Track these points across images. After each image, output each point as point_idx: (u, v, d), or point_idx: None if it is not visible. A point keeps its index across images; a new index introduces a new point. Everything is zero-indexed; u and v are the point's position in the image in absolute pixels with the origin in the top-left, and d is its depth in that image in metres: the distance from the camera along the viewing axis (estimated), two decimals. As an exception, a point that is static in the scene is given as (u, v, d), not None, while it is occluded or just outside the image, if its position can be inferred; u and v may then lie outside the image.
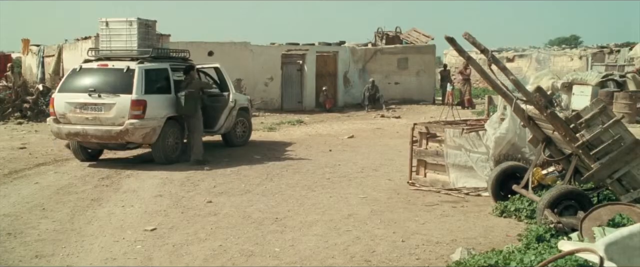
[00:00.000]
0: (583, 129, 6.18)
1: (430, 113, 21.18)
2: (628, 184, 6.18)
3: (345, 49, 23.90)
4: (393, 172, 9.88)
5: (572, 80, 20.46)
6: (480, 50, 6.49)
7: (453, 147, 8.34)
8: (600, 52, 30.02)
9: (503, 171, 7.33)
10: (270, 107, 21.32)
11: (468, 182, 8.24)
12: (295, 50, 22.55)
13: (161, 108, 10.35)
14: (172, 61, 11.19)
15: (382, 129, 16.34)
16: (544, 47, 39.49)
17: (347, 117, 20.50)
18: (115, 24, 10.86)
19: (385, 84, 24.12)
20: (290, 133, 15.58)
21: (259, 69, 21.24)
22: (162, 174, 9.61)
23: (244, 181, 9.13)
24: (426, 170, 8.75)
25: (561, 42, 47.10)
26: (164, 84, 10.57)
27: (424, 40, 26.16)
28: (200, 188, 8.64)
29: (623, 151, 6.09)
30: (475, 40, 6.47)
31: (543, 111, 6.28)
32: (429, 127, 8.73)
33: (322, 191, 8.44)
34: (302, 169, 10.16)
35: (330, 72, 23.19)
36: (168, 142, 10.50)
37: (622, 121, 6.57)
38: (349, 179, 9.36)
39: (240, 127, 12.74)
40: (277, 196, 8.11)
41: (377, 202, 7.74)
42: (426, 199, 7.97)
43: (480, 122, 9.07)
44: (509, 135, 7.98)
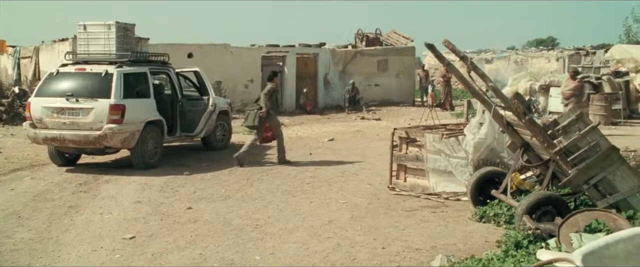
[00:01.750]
0: (560, 136, 6.25)
1: (410, 115, 21.31)
2: (604, 189, 6.27)
3: (325, 50, 23.92)
4: (373, 176, 9.90)
5: (549, 83, 20.69)
6: (460, 57, 6.54)
7: (433, 152, 8.39)
8: (576, 54, 30.42)
9: (482, 176, 7.38)
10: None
11: (448, 186, 8.29)
12: (275, 52, 22.51)
13: (140, 112, 10.26)
14: (151, 65, 11.10)
15: (362, 132, 16.37)
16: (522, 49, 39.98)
17: (328, 119, 20.51)
18: (93, 28, 10.74)
19: (366, 85, 24.18)
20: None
21: (239, 70, 21.16)
22: (141, 179, 9.52)
23: (224, 186, 9.09)
24: (406, 174, 8.79)
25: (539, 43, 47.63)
26: (143, 88, 10.48)
27: (403, 42, 26.26)
28: (179, 194, 8.58)
29: (599, 157, 6.18)
30: (454, 47, 6.52)
31: (521, 118, 6.35)
32: (409, 132, 8.77)
33: (303, 196, 8.43)
34: (282, 173, 10.14)
35: (311, 73, 23.19)
36: (147, 147, 10.41)
37: (598, 126, 6.66)
38: (329, 183, 9.36)
39: (220, 131, 12.68)
40: (257, 202, 8.08)
41: (357, 208, 7.76)
42: (406, 204, 8.00)
43: (460, 127, 9.13)
44: (488, 140, 8.04)
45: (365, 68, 24.58)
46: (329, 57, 23.72)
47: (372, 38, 26.23)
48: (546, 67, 31.39)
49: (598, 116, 18.44)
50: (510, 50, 37.31)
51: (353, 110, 22.29)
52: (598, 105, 18.64)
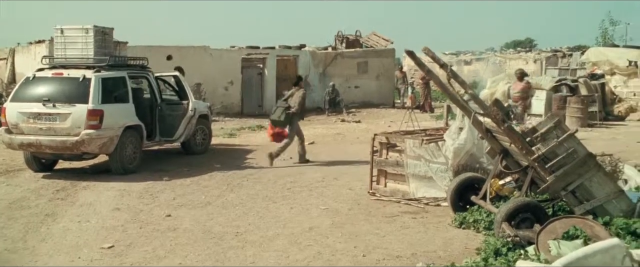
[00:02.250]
0: (539, 143, 6.32)
1: (389, 117, 21.39)
2: (581, 195, 6.35)
3: (305, 52, 23.92)
4: (354, 181, 9.90)
5: (528, 85, 20.91)
6: (440, 65, 6.58)
7: (413, 158, 8.42)
8: (553, 56, 30.82)
9: (462, 182, 7.43)
10: (231, 112, 21.15)
11: (428, 192, 8.33)
12: (255, 54, 22.45)
13: (119, 117, 10.15)
14: (129, 69, 10.98)
15: (342, 135, 16.39)
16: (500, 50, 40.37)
17: (308, 121, 20.43)
18: (71, 32, 10.60)
19: (346, 87, 24.22)
20: (250, 139, 15.49)
21: (219, 73, 21.05)
22: (119, 185, 9.43)
23: (204, 192, 9.04)
24: (386, 180, 8.81)
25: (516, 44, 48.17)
26: (121, 92, 10.38)
27: (383, 44, 26.37)
28: (159, 200, 8.50)
29: (576, 164, 6.25)
30: (434, 55, 6.57)
31: (500, 125, 6.41)
32: (390, 137, 8.80)
33: (283, 202, 8.41)
34: (262, 179, 10.10)
35: (291, 75, 23.05)
36: (126, 152, 10.31)
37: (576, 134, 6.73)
38: (309, 188, 9.35)
39: (200, 135, 12.60)
40: (237, 208, 8.04)
41: (338, 214, 7.76)
42: (387, 209, 8.02)
43: (440, 132, 9.17)
44: (468, 145, 8.10)
45: (345, 70, 24.62)
46: (309, 59, 23.71)
47: (352, 40, 26.29)
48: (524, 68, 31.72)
49: (575, 118, 18.74)
50: (489, 52, 37.74)
51: (333, 112, 22.31)
52: (575, 108, 18.88)
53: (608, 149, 13.69)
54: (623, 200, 6.33)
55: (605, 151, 13.23)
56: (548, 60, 30.72)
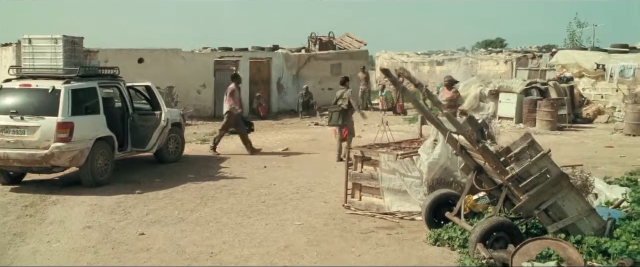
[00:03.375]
0: (513, 163, 6.38)
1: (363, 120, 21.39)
2: (554, 214, 6.43)
3: (279, 55, 23.83)
4: (329, 192, 9.89)
5: (499, 88, 21.18)
6: (415, 85, 6.59)
7: (388, 172, 8.43)
8: (524, 57, 31.20)
9: (436, 199, 7.46)
10: (204, 115, 20.98)
11: (403, 206, 8.35)
12: (228, 56, 22.30)
13: (90, 130, 9.97)
14: (100, 79, 10.78)
15: (316, 140, 16.36)
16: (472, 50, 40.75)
17: (282, 125, 20.46)
18: (39, 42, 10.35)
19: (319, 90, 24.20)
20: (224, 145, 15.29)
21: (192, 76, 20.85)
22: (91, 200, 9.26)
23: (178, 207, 8.92)
24: (361, 193, 8.81)
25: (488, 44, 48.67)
26: (92, 104, 10.18)
27: (357, 46, 26.41)
28: (131, 216, 8.37)
29: (550, 184, 6.32)
30: (410, 75, 6.58)
31: (475, 145, 6.45)
32: (365, 151, 8.79)
33: (258, 218, 8.35)
34: (237, 191, 10.02)
35: (264, 78, 23.07)
36: (97, 164, 10.13)
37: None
38: (284, 202, 9.31)
39: (173, 143, 12.46)
40: (212, 225, 7.96)
41: (313, 231, 7.73)
42: (362, 225, 8.02)
43: (414, 144, 9.22)
44: (442, 160, 8.14)
45: (319, 72, 24.60)
46: (283, 62, 23.64)
47: (325, 41, 26.28)
48: (495, 69, 32.10)
49: (545, 122, 19.07)
50: (461, 52, 38.02)
51: (307, 115, 22.31)
52: (545, 112, 19.20)
53: (578, 155, 13.98)
54: (595, 219, 6.43)
55: (575, 157, 13.53)
56: (518, 61, 31.07)
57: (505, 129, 19.02)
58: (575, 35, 30.74)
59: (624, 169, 12.06)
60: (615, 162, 13.02)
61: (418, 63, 35.99)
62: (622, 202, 7.57)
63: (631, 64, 20.63)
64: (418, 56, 37.23)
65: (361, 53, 26.08)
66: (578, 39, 30.65)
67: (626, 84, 20.28)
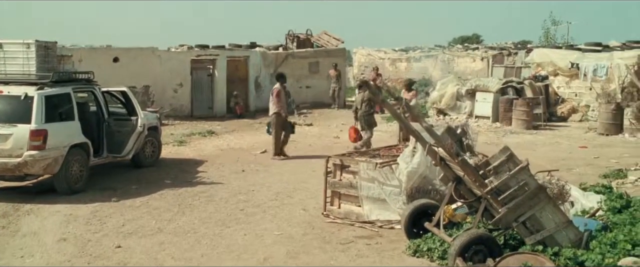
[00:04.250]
0: (491, 176, 6.41)
1: (341, 118, 21.45)
2: (532, 226, 6.48)
3: (256, 53, 23.69)
4: (307, 198, 9.86)
5: (475, 87, 21.35)
6: (395, 98, 6.59)
7: (366, 180, 8.43)
8: (499, 54, 31.48)
9: (415, 209, 7.47)
10: (180, 114, 20.78)
11: (382, 214, 8.36)
12: (205, 55, 22.10)
13: (64, 136, 9.78)
14: (74, 84, 10.58)
15: (294, 141, 16.23)
16: (448, 46, 41.00)
17: (259, 124, 20.32)
18: (11, 46, 10.13)
19: (297, 88, 24.16)
20: (201, 147, 15.25)
21: (168, 75, 20.62)
22: (65, 208, 9.10)
23: (155, 216, 8.81)
24: (340, 201, 8.80)
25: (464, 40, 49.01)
26: (66, 110, 9.99)
27: (334, 44, 26.39)
28: (107, 227, 8.24)
29: (528, 196, 6.38)
30: (389, 89, 6.56)
31: (454, 158, 6.47)
32: (343, 160, 8.78)
33: (237, 227, 8.29)
34: (215, 197, 9.94)
35: (241, 77, 22.92)
36: (72, 171, 9.95)
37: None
38: (263, 209, 9.25)
39: (149, 147, 12.31)
40: (190, 236, 7.87)
41: (292, 241, 7.69)
42: (341, 234, 8.01)
43: (392, 151, 9.22)
44: (421, 169, 8.15)
45: (297, 70, 24.53)
46: (260, 60, 23.51)
47: (303, 39, 26.21)
48: (471, 66, 32.35)
49: (521, 121, 19.27)
50: (438, 48, 38.21)
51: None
52: (521, 111, 19.41)
53: (553, 156, 14.17)
54: (571, 230, 6.50)
55: (550, 158, 13.72)
56: (494, 58, 31.33)
57: (481, 128, 19.24)
58: (550, 32, 31.09)
59: (598, 170, 12.26)
60: (589, 164, 13.21)
61: (395, 59, 36.08)
62: (598, 210, 7.67)
63: (604, 63, 20.93)
64: (395, 52, 37.31)
65: (338, 51, 26.07)
66: (552, 36, 31.00)
67: (599, 83, 20.59)
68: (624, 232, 6.42)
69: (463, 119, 20.90)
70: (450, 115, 21.40)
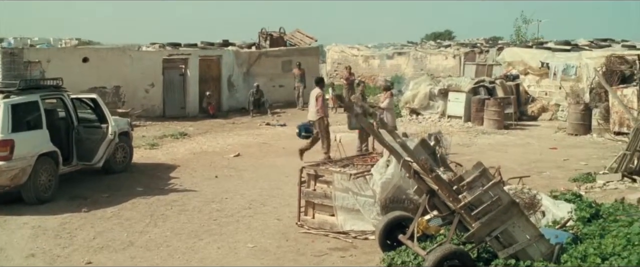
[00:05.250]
0: (465, 191, 6.45)
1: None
2: (505, 240, 6.54)
3: (229, 52, 23.50)
4: (281, 206, 9.82)
5: (448, 87, 21.49)
6: (369, 113, 6.58)
7: (341, 190, 8.41)
8: (471, 51, 31.81)
9: (389, 221, 7.48)
10: (152, 115, 20.52)
11: (356, 224, 8.36)
12: (177, 54, 21.85)
13: (32, 146, 9.57)
14: (43, 91, 10.34)
15: (268, 144, 16.22)
16: (420, 42, 41.26)
17: (232, 124, 20.22)
18: (-25, 54, 9.86)
19: (270, 87, 24.06)
20: (173, 151, 15.06)
21: (139, 74, 20.32)
22: (33, 220, 8.90)
23: (126, 228, 8.67)
24: (315, 211, 8.77)
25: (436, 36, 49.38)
26: (34, 118, 9.76)
27: (307, 42, 26.32)
28: (77, 241, 8.08)
29: (501, 211, 6.43)
30: (363, 104, 6.57)
31: (428, 174, 6.48)
32: (317, 170, 8.75)
33: (210, 239, 8.20)
34: (188, 206, 9.82)
35: (214, 76, 22.71)
36: (40, 181, 9.73)
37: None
38: (236, 219, 9.17)
39: (120, 153, 12.11)
40: (162, 249, 7.77)
41: (266, 254, 7.65)
42: (315, 245, 7.99)
43: (366, 160, 9.22)
44: (395, 179, 8.16)
45: (270, 69, 24.43)
46: (233, 59, 23.33)
47: (276, 37, 26.08)
48: (443, 64, 32.64)
49: (492, 121, 19.46)
50: (410, 45, 38.42)
51: (258, 113, 22.13)
52: (492, 111, 19.60)
53: (524, 158, 14.35)
54: (543, 244, 6.57)
55: (521, 161, 13.90)
56: (466, 56, 31.64)
57: (454, 128, 19.40)
58: (521, 30, 31.51)
59: (567, 173, 12.45)
60: (559, 166, 13.40)
61: (368, 56, 36.19)
62: (568, 220, 7.77)
63: (573, 63, 21.26)
64: (368, 49, 37.41)
65: (312, 49, 26.02)
66: (523, 34, 31.41)
67: (569, 82, 20.92)
68: (594, 246, 6.52)
69: (436, 118, 21.10)
70: (423, 115, 21.52)
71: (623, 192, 10.47)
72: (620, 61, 18.16)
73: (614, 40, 29.88)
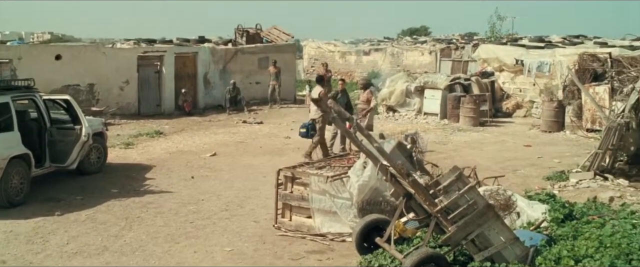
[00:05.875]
0: (441, 195, 6.49)
1: (291, 116, 21.38)
2: (481, 244, 6.60)
3: (205, 49, 23.29)
4: (258, 208, 9.78)
5: (424, 84, 21.60)
6: (345, 119, 6.57)
7: (318, 192, 8.41)
8: (447, 47, 32.00)
9: (366, 224, 7.49)
10: (127, 112, 20.27)
11: (333, 227, 8.36)
12: (152, 51, 21.60)
13: (3, 148, 9.37)
14: (14, 92, 10.12)
15: (245, 142, 16.13)
16: (397, 38, 41.37)
17: (209, 122, 20.07)
18: (-58, 54, 9.61)
19: (247, 84, 23.93)
20: (149, 150, 14.90)
21: (113, 72, 20.03)
22: (5, 225, 8.73)
23: (101, 231, 8.56)
24: (292, 213, 8.76)
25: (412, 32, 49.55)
26: (5, 120, 9.56)
27: (284, 39, 26.22)
28: (50, 246, 7.95)
29: (477, 215, 6.49)
30: (340, 109, 6.56)
31: (405, 179, 6.51)
32: (294, 172, 8.73)
33: (186, 243, 8.14)
34: (164, 208, 9.73)
35: (190, 73, 22.50)
36: (12, 184, 9.54)
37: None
38: (213, 221, 9.12)
39: (94, 153, 11.93)
40: (137, 255, 7.68)
41: (243, 258, 7.62)
42: (293, 248, 7.98)
43: (343, 161, 9.23)
44: (372, 181, 8.17)
45: (246, 66, 24.29)
46: (209, 56, 23.13)
47: (252, 34, 25.94)
48: (420, 60, 32.78)
49: (468, 118, 19.63)
50: (387, 40, 38.53)
51: (234, 110, 22.00)
52: (468, 108, 19.77)
53: (499, 156, 14.50)
54: (518, 246, 6.66)
55: (497, 159, 14.05)
56: (442, 52, 31.83)
57: (430, 125, 19.54)
58: (495, 27, 31.80)
59: (541, 171, 12.63)
60: (533, 164, 13.58)
61: (345, 52, 36.20)
62: (542, 221, 7.87)
63: (547, 60, 21.54)
64: (345, 45, 37.41)
65: (289, 46, 25.93)
66: (498, 31, 31.71)
67: (543, 79, 21.19)
68: (567, 248, 6.61)
69: (412, 115, 21.21)
70: (400, 112, 21.62)
71: (595, 190, 10.66)
72: (592, 59, 18.41)
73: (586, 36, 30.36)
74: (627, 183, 11.08)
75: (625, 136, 11.84)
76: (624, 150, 12.14)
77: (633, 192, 10.54)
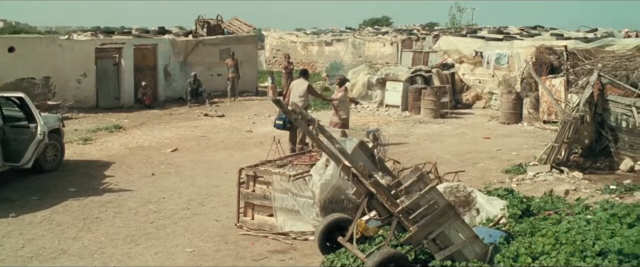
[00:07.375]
0: (403, 195, 6.54)
1: (253, 108, 21.29)
2: (441, 243, 6.68)
3: (165, 41, 22.92)
4: (220, 206, 9.71)
5: (386, 76, 21.73)
6: (307, 121, 6.55)
7: (280, 191, 8.38)
8: (408, 39, 32.23)
9: (329, 224, 7.50)
10: (85, 106, 19.84)
11: (295, 225, 8.36)
12: (110, 43, 21.13)
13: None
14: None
15: (206, 137, 15.97)
16: (358, 28, 41.48)
17: (170, 115, 19.81)
18: None
19: (208, 76, 23.67)
20: (108, 146, 14.62)
21: (70, 65, 19.56)
22: (-43, 228, 8.47)
23: (58, 233, 8.36)
24: (254, 212, 8.72)
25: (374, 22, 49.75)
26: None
27: (245, 30, 25.98)
28: (5, 250, 7.73)
29: (437, 214, 6.55)
30: (302, 111, 6.52)
31: (367, 179, 6.54)
32: (256, 171, 8.67)
33: (147, 244, 8.02)
34: (123, 208, 9.57)
35: (150, 65, 22.12)
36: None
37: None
38: (174, 221, 9.01)
39: (51, 151, 11.65)
40: (96, 258, 7.53)
41: (205, 259, 7.55)
42: (255, 248, 7.95)
43: (304, 159, 9.22)
44: (334, 180, 8.17)
45: (207, 58, 24.00)
46: (169, 48, 22.78)
47: (213, 25, 25.62)
48: (381, 51, 32.94)
49: (429, 110, 19.84)
50: (349, 31, 38.60)
51: (195, 103, 21.76)
52: (428, 100, 19.97)
53: (459, 148, 14.70)
54: (477, 244, 6.75)
55: (457, 152, 14.23)
56: (403, 43, 32.04)
57: (392, 118, 19.67)
58: (455, 19, 32.18)
59: (500, 164, 12.84)
60: (493, 156, 13.81)
61: (307, 43, 36.11)
62: (501, 218, 8.02)
63: (506, 52, 21.90)
64: (307, 36, 37.32)
65: (250, 37, 25.71)
66: (458, 22, 32.09)
67: (502, 71, 21.55)
68: (525, 245, 6.74)
69: (374, 108, 21.32)
70: (362, 105, 21.70)
71: (551, 183, 10.90)
72: (549, 52, 18.79)
73: (543, 27, 30.99)
74: (582, 176, 11.35)
75: (580, 130, 12.14)
76: (578, 143, 12.45)
77: (587, 184, 10.81)
